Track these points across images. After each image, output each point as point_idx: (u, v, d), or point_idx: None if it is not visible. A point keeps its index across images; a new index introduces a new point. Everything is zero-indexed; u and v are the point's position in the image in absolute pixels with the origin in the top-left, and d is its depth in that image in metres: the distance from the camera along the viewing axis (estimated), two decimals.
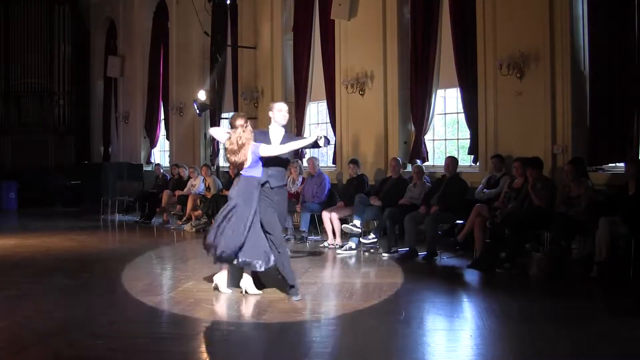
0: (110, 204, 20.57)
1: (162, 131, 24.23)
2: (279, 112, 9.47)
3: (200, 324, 7.78)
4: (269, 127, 9.54)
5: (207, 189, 17.20)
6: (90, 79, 28.54)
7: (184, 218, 17.31)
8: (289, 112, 9.52)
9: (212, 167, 18.37)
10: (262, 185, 9.04)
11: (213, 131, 9.89)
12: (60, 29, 27.50)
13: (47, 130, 26.98)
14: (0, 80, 27.07)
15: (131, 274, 11.13)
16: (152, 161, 24.31)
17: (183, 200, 17.57)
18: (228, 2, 18.73)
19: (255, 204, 8.86)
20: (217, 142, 19.76)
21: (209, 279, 10.07)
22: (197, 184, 17.54)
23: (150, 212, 18.65)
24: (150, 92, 24.50)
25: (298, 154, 17.01)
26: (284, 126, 9.58)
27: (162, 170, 20.31)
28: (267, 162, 9.08)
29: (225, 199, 15.68)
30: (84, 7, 28.41)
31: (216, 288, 9.37)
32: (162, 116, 23.99)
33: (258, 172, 8.98)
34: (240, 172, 9.09)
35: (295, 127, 17.38)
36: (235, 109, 19.36)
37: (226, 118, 19.84)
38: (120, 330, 7.35)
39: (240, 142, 8.88)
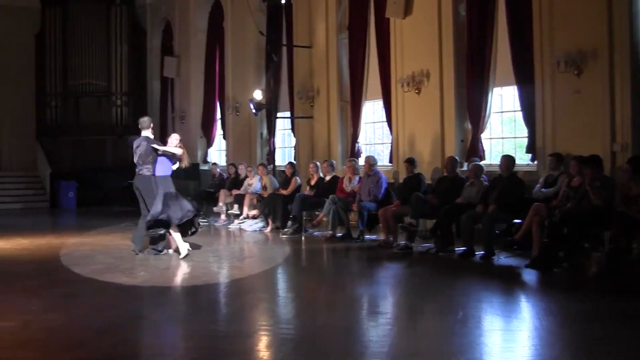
0: None
1: (218, 130, 24.38)
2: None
3: (256, 322, 7.85)
4: None
5: (264, 188, 17.27)
6: (146, 79, 28.83)
7: (241, 217, 17.41)
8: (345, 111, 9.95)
9: (268, 166, 18.44)
10: None
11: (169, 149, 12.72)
12: (117, 30, 27.86)
13: (104, 130, 27.37)
14: (59, 81, 27.52)
15: (184, 272, 11.25)
16: (209, 160, 24.47)
17: (240, 199, 17.67)
18: (283, 1, 18.77)
19: None
20: (274, 141, 19.87)
21: (265, 278, 10.16)
22: (254, 183, 17.62)
23: (207, 211, 18.79)
24: (206, 91, 24.68)
25: (354, 153, 17.04)
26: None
27: (218, 170, 20.45)
28: None
29: (281, 198, 15.88)
30: (140, 8, 28.72)
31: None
32: (219, 115, 24.14)
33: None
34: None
35: (352, 127, 17.38)
36: (291, 109, 19.42)
37: (282, 117, 19.96)
38: (177, 328, 7.44)
39: None
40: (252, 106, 18.88)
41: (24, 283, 10.58)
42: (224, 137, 23.61)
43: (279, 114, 19.82)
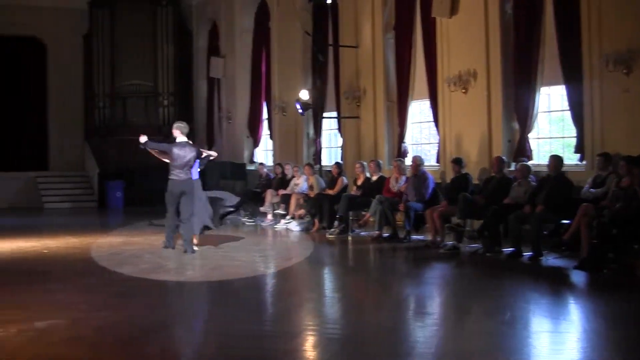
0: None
1: (265, 130, 24.48)
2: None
3: (302, 322, 7.88)
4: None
5: (310, 188, 17.29)
6: (193, 79, 29.05)
7: (287, 217, 17.46)
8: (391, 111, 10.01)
9: (315, 166, 18.46)
10: None
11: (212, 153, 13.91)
12: (164, 30, 28.07)
13: (151, 130, 27.51)
14: (107, 82, 27.84)
15: (234, 272, 11.32)
16: (255, 160, 24.57)
17: (286, 199, 17.73)
18: (329, 1, 18.77)
19: None
20: (320, 141, 19.90)
21: (311, 278, 10.19)
22: (300, 183, 17.66)
23: (254, 211, 18.88)
24: (252, 91, 24.78)
25: (401, 153, 17.01)
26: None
27: (265, 170, 20.53)
28: None
29: (327, 198, 15.89)
30: (186, 8, 28.96)
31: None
32: (265, 115, 24.24)
33: None
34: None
35: (398, 127, 17.35)
36: (338, 109, 19.44)
37: (328, 117, 19.99)
38: (225, 328, 7.48)
39: None
40: (298, 106, 18.91)
41: (74, 281, 10.75)
42: (271, 137, 23.69)
43: (325, 114, 19.85)
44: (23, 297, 9.23)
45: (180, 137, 13.39)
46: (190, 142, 13.63)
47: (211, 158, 14.24)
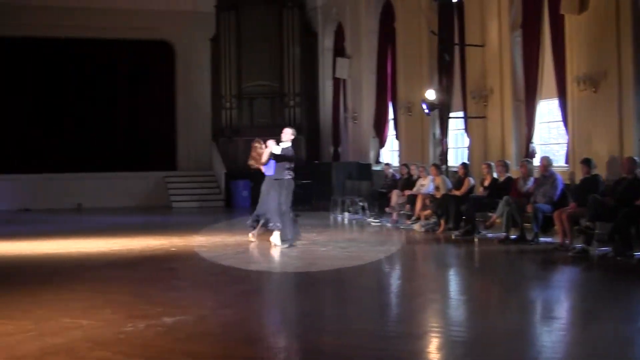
0: (340, 203, 21.01)
1: (390, 131, 24.48)
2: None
3: (427, 323, 7.86)
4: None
5: (437, 188, 17.19)
6: (318, 80, 29.30)
7: (413, 217, 17.40)
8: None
9: (441, 167, 18.33)
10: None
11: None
12: (289, 32, 28.47)
13: (278, 131, 27.85)
14: (233, 83, 28.46)
15: (358, 272, 11.38)
16: (381, 161, 24.60)
17: (412, 199, 17.67)
18: (454, 0, 18.66)
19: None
20: (446, 141, 19.77)
21: (437, 279, 10.14)
22: (427, 184, 17.56)
23: (380, 211, 18.90)
24: (378, 92, 24.80)
25: (529, 153, 16.72)
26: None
27: (391, 170, 20.51)
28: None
29: (454, 199, 15.78)
30: (312, 10, 29.24)
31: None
32: (391, 116, 24.22)
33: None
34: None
35: (526, 126, 17.06)
36: (464, 109, 19.24)
37: (455, 117, 19.83)
38: (348, 327, 7.54)
39: None
40: (424, 106, 18.84)
41: (201, 279, 11.05)
42: (397, 137, 23.67)
43: (451, 114, 19.70)
44: (152, 293, 9.53)
45: (288, 142, 14.54)
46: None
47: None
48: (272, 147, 14.54)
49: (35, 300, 8.82)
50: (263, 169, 14.64)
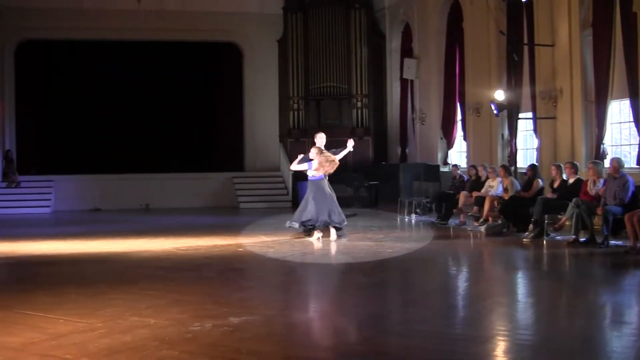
0: (407, 204, 20.93)
1: (459, 132, 24.32)
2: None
3: (495, 326, 7.78)
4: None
5: (505, 190, 17.00)
6: (386, 81, 29.25)
7: (481, 219, 17.24)
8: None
9: (510, 168, 18.13)
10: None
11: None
12: (357, 33, 28.54)
13: (345, 132, 28.03)
14: (300, 84, 28.63)
15: (426, 274, 11.34)
16: (449, 162, 24.46)
17: (480, 201, 17.50)
18: None
19: None
20: (515, 142, 19.55)
21: (504, 282, 10.02)
22: (495, 186, 17.37)
23: (447, 213, 18.75)
24: (446, 92, 24.67)
25: (599, 154, 16.45)
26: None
27: (459, 171, 20.36)
28: None
29: (522, 200, 15.59)
30: (379, 11, 29.21)
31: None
32: (459, 117, 24.06)
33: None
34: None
35: (596, 127, 16.78)
36: (533, 109, 19.01)
37: (524, 118, 19.60)
38: (414, 329, 7.50)
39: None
40: (493, 107, 18.68)
41: (268, 279, 11.11)
42: (465, 138, 23.51)
43: (520, 115, 19.48)
44: (219, 292, 9.61)
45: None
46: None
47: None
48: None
49: (104, 299, 8.96)
50: (312, 173, 15.36)
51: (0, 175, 26.18)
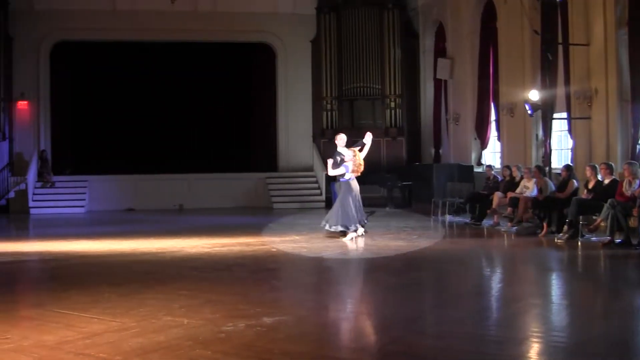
0: (440, 205, 20.85)
1: (492, 132, 24.18)
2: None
3: (529, 328, 7.74)
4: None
5: (539, 190, 16.88)
6: (419, 81, 29.16)
7: (515, 220, 17.14)
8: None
9: (544, 169, 18.00)
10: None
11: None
12: (390, 33, 28.46)
13: (379, 132, 28.00)
14: (334, 85, 28.62)
15: (460, 275, 11.29)
16: (483, 162, 24.33)
17: (514, 202, 17.39)
18: None
19: None
20: (550, 142, 19.39)
21: (538, 284, 9.95)
22: (531, 187, 17.24)
23: (481, 214, 18.67)
24: (480, 92, 24.52)
25: (635, 155, 16.29)
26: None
27: (493, 172, 20.24)
28: None
29: (557, 201, 15.48)
30: (412, 11, 29.13)
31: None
32: (493, 117, 23.93)
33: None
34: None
35: (632, 127, 16.61)
36: (568, 109, 18.85)
37: (558, 118, 19.45)
38: (448, 331, 7.48)
39: None
40: (527, 107, 18.55)
41: (301, 279, 11.13)
42: (499, 139, 23.38)
43: (555, 115, 19.33)
44: (252, 292, 9.66)
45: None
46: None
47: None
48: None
49: (137, 299, 9.02)
50: (349, 175, 15.78)
51: (36, 175, 26.42)
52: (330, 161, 16.13)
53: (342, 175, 15.79)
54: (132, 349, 6.66)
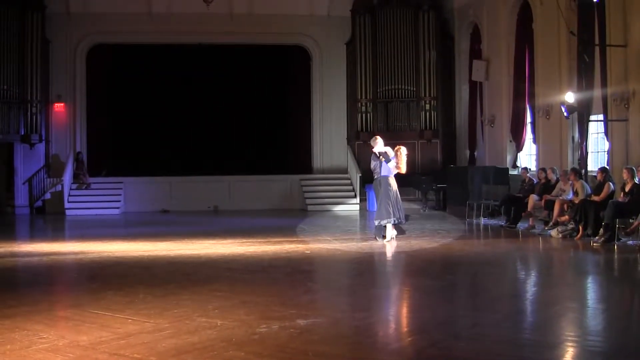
0: (475, 207, 20.76)
1: (528, 134, 24.02)
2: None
3: (563, 332, 7.67)
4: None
5: (576, 193, 16.75)
6: (454, 83, 29.03)
7: (550, 223, 17.01)
8: None
9: (580, 171, 17.86)
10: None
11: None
12: (425, 35, 28.33)
13: (414, 134, 27.96)
14: (369, 87, 28.57)
15: (494, 278, 11.24)
16: (519, 165, 24.18)
17: (550, 205, 17.27)
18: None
19: None
20: (586, 145, 19.23)
21: (574, 287, 9.88)
22: (567, 189, 17.11)
23: (516, 217, 18.57)
24: (515, 94, 24.35)
25: None
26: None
27: (528, 174, 20.12)
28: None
29: (593, 204, 15.35)
30: (448, 12, 29.02)
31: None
32: (529, 119, 23.76)
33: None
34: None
35: None
36: (605, 111, 18.66)
37: (595, 120, 19.29)
38: (483, 334, 7.44)
39: None
40: (563, 109, 18.42)
41: (335, 281, 11.14)
42: (534, 141, 23.22)
43: (591, 117, 19.17)
44: (286, 294, 9.70)
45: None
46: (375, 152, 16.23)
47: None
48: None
49: (172, 300, 9.07)
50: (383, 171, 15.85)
51: (72, 176, 26.68)
52: (374, 162, 16.17)
53: (380, 171, 15.77)
54: (166, 349, 6.70)
